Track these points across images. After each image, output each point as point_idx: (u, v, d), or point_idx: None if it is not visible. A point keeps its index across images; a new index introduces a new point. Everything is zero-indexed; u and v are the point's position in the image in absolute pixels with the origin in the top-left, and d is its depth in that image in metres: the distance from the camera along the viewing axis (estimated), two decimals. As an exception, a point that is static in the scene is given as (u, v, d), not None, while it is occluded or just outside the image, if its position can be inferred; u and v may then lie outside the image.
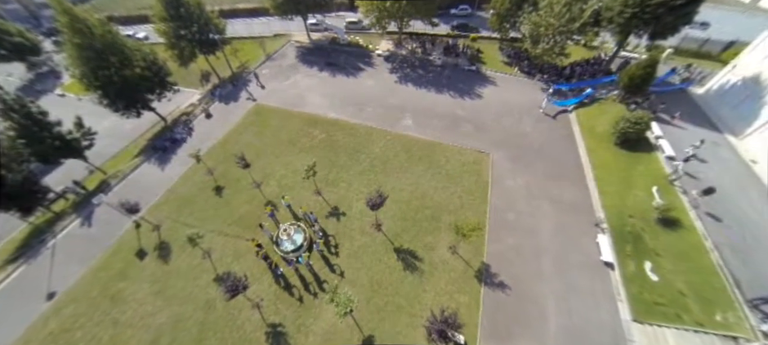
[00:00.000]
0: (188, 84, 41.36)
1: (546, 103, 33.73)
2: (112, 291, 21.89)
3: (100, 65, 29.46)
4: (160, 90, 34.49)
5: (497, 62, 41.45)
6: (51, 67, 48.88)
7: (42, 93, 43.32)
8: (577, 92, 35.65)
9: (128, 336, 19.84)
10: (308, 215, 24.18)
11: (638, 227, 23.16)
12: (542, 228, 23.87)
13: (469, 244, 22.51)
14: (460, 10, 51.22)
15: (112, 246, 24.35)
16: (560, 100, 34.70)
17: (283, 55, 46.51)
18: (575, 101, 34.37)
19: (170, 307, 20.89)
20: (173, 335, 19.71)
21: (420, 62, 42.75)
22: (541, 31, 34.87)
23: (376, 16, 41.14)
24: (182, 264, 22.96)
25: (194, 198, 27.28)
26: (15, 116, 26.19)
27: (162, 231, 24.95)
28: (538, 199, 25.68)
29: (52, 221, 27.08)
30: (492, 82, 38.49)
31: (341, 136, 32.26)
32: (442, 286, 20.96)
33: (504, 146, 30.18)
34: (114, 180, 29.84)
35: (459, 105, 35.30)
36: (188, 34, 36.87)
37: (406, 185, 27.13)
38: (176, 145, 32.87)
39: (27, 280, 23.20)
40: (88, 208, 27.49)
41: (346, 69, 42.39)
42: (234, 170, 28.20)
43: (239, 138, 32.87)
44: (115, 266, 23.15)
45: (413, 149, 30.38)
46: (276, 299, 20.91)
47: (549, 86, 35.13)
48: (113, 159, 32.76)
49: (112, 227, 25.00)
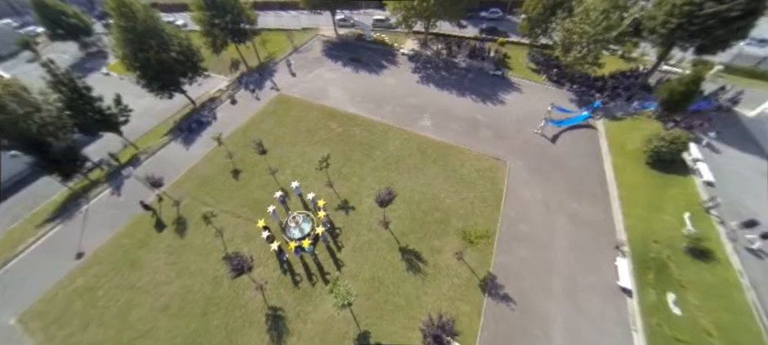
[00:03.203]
0: (218, 71, 43.33)
1: (544, 124, 31.17)
2: (132, 257, 23.43)
3: (140, 48, 31.57)
4: (192, 74, 36.44)
5: (525, 68, 39.96)
6: (100, 48, 52.95)
7: (90, 71, 46.97)
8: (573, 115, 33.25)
9: (142, 300, 21.15)
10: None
11: (664, 255, 21.46)
12: (556, 244, 22.74)
13: (476, 252, 21.88)
14: (490, 13, 49.88)
15: (135, 216, 26.03)
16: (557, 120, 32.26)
17: (310, 48, 47.50)
18: (570, 122, 31.97)
19: (181, 279, 22.02)
20: (181, 305, 20.76)
21: (444, 64, 42.10)
22: (574, 38, 33.20)
23: (403, 15, 41.03)
24: (196, 239, 24.12)
25: (213, 178, 28.56)
26: (64, 89, 28.67)
27: (181, 207, 26.37)
28: (555, 214, 24.49)
29: (87, 187, 29.38)
30: (517, 89, 37.16)
31: (358, 131, 32.46)
32: (444, 291, 20.53)
33: (523, 156, 29.04)
34: (144, 155, 31.92)
35: (480, 110, 34.39)
36: (222, 23, 38.56)
37: (418, 185, 26.83)
38: (201, 127, 34.60)
39: (61, 239, 25.34)
40: (119, 179, 29.60)
41: (370, 65, 42.59)
42: (252, 155, 29.17)
43: (260, 125, 33.98)
44: (137, 235, 24.75)
45: (428, 150, 29.99)
46: (279, 284, 21.42)
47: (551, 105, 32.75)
48: (144, 136, 35.00)
49: (137, 198, 26.68)
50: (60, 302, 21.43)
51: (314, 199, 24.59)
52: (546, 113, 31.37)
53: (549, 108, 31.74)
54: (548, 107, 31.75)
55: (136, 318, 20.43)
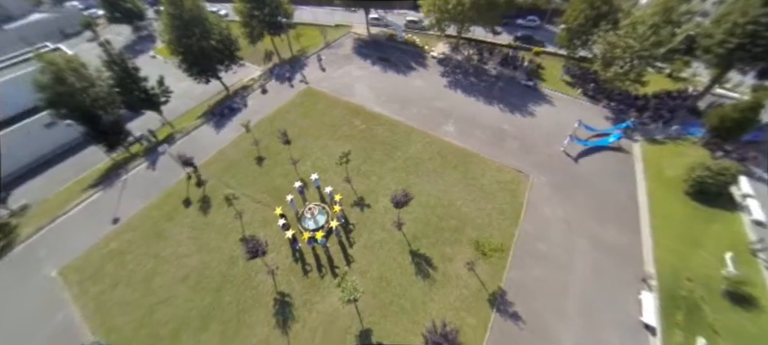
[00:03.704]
0: (252, 61, 45.27)
1: (569, 142, 29.28)
2: (159, 228, 25.13)
3: (184, 34, 33.72)
4: (229, 62, 38.39)
5: (559, 81, 38.19)
6: (150, 32, 57.12)
7: (139, 53, 50.77)
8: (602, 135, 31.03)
9: (165, 269, 22.66)
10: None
11: (697, 295, 19.69)
12: (575, 267, 21.59)
13: (488, 265, 21.28)
14: (527, 20, 48.11)
15: (166, 190, 27.88)
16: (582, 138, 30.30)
17: (341, 45, 48.33)
18: (598, 143, 29.88)
19: (201, 254, 23.32)
20: (199, 279, 21.99)
21: (474, 69, 41.23)
22: (616, 53, 31.27)
23: (436, 18, 40.60)
24: (217, 219, 25.41)
25: (238, 163, 29.92)
26: (116, 68, 31.29)
27: (206, 187, 27.88)
28: (577, 235, 23.24)
29: (128, 159, 31.88)
30: (548, 102, 35.62)
31: (381, 130, 32.61)
32: (451, 301, 20.16)
33: (548, 171, 27.81)
34: (179, 134, 34.11)
35: (507, 120, 33.34)
36: (260, 15, 40.29)
37: (435, 190, 26.52)
38: (232, 113, 36.38)
39: (101, 204, 27.72)
40: (155, 155, 31.83)
41: (398, 66, 42.63)
42: (276, 144, 30.21)
43: (286, 116, 35.10)
44: (165, 209, 26.50)
45: (449, 156, 29.55)
46: (290, 271, 22.06)
47: (579, 122, 30.76)
48: (181, 117, 37.35)
49: (170, 174, 28.60)
50: (95, 261, 23.47)
51: (331, 193, 25.03)
52: (573, 129, 29.85)
53: (576, 125, 30.12)
54: (575, 124, 30.16)
55: (158, 285, 21.93)
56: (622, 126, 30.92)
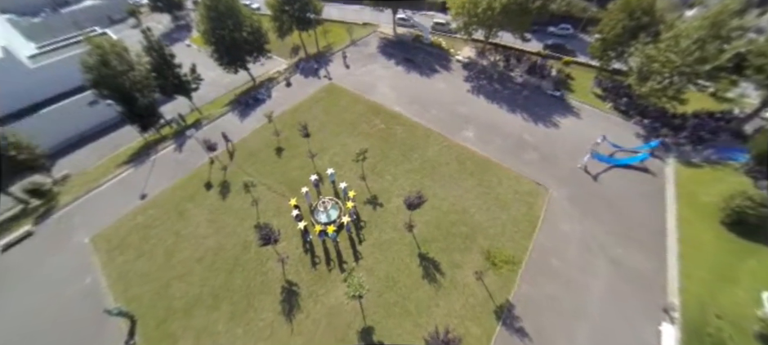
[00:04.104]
0: (280, 54, 46.58)
1: (588, 158, 27.83)
2: (181, 208, 26.47)
3: (218, 25, 35.24)
4: (257, 54, 39.74)
5: (588, 93, 36.50)
6: (187, 22, 60.16)
7: (176, 41, 53.60)
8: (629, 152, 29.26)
9: (183, 247, 23.87)
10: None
11: (725, 334, 18.18)
12: (591, 288, 20.62)
13: (498, 276, 20.76)
14: (559, 29, 46.33)
15: (190, 173, 29.33)
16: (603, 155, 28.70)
17: (366, 43, 48.69)
18: (621, 162, 28.26)
19: (217, 236, 24.33)
20: (213, 260, 22.97)
21: (499, 76, 40.26)
22: (655, 67, 29.49)
23: (464, 21, 40.01)
24: (235, 204, 26.41)
25: (259, 152, 30.94)
26: (154, 54, 33.17)
27: (227, 172, 29.03)
28: (595, 255, 22.17)
29: (158, 141, 33.79)
30: (575, 114, 34.15)
31: (400, 130, 32.60)
32: (456, 308, 19.85)
33: (568, 185, 26.69)
34: (206, 120, 35.76)
35: (529, 130, 32.31)
36: (291, 10, 41.38)
37: (449, 195, 26.19)
38: (256, 103, 37.66)
39: (131, 181, 29.60)
40: (183, 138, 33.55)
41: (422, 67, 42.40)
42: (296, 137, 30.93)
43: (308, 110, 35.84)
44: (188, 190, 27.87)
45: (467, 162, 29.07)
46: (299, 261, 22.55)
47: (603, 137, 29.02)
48: (209, 104, 39.08)
49: (194, 158, 30.05)
50: (122, 233, 25.09)
51: (345, 189, 25.30)
52: (594, 145, 28.40)
53: (599, 140, 28.62)
54: (598, 139, 28.67)
55: (176, 260, 23.13)
56: (650, 145, 29.14)
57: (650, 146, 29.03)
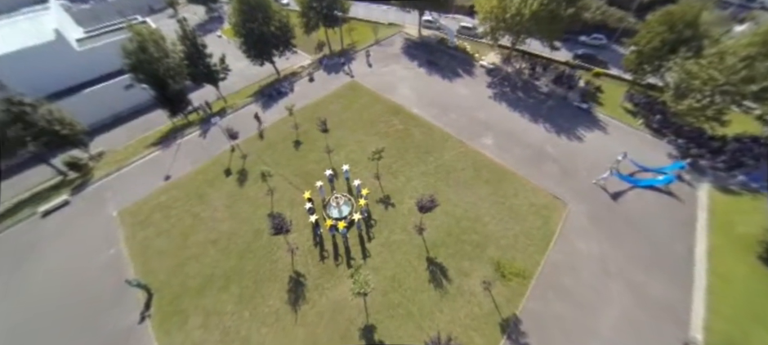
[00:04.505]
0: (304, 49, 47.54)
1: (607, 175, 26.45)
2: (201, 192, 27.64)
3: (249, 18, 36.44)
4: (283, 49, 40.75)
5: (618, 107, 34.74)
6: (220, 14, 62.59)
7: (208, 32, 55.91)
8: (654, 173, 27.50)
9: (199, 229, 24.91)
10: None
11: (754, 376, 16.86)
12: (605, 312, 19.63)
13: (506, 288, 20.22)
14: (592, 38, 44.38)
15: (212, 158, 30.56)
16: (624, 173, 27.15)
17: (391, 43, 48.77)
18: (644, 183, 26.64)
19: (231, 221, 25.21)
20: (226, 244, 23.82)
21: (523, 84, 39.16)
22: (695, 84, 27.65)
23: (491, 26, 39.20)
24: (251, 192, 27.25)
25: (277, 143, 31.75)
26: (188, 43, 34.79)
27: (246, 161, 30.01)
28: (612, 278, 21.08)
29: (184, 126, 35.41)
30: (601, 128, 32.60)
31: (417, 132, 32.44)
32: (460, 316, 19.50)
33: (589, 202, 25.54)
34: (230, 109, 37.12)
35: (551, 141, 31.18)
36: (318, 7, 42.17)
37: (463, 201, 25.78)
38: (279, 96, 38.67)
39: (157, 162, 31.21)
40: (207, 125, 34.97)
41: (444, 71, 41.96)
42: (314, 131, 31.47)
43: (328, 106, 36.38)
44: (208, 175, 29.07)
45: (483, 169, 28.50)
46: (308, 253, 22.95)
47: (624, 155, 27.40)
48: (234, 94, 40.51)
49: (217, 144, 31.27)
50: (146, 210, 26.52)
51: (358, 186, 25.46)
52: (615, 162, 27.00)
53: (620, 157, 27.17)
54: (619, 156, 27.23)
55: (192, 241, 24.16)
56: (676, 166, 27.35)
57: (677, 168, 27.26)
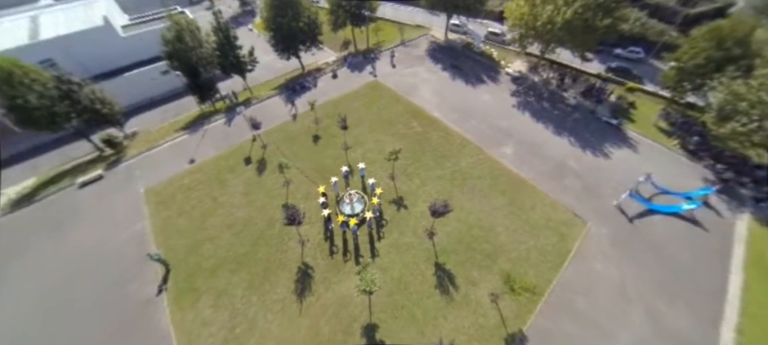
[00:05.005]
0: (330, 46, 48.33)
1: (626, 197, 24.97)
2: (221, 177, 28.80)
3: (279, 14, 37.52)
4: (310, 44, 41.62)
5: (651, 125, 32.75)
6: (253, 8, 64.76)
7: (240, 24, 57.85)
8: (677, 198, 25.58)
9: (218, 213, 25.97)
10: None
11: None
12: (618, 340, 18.58)
13: (514, 302, 19.63)
14: (628, 51, 42.06)
15: (234, 146, 31.76)
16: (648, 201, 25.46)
17: (416, 45, 48.63)
18: (665, 209, 24.83)
19: (248, 209, 26.07)
20: (241, 229, 24.66)
21: (550, 95, 37.83)
22: (741, 106, 25.60)
23: (521, 33, 38.17)
24: (268, 182, 28.08)
25: (297, 136, 32.52)
26: (220, 35, 36.25)
27: (266, 151, 30.95)
28: (631, 304, 19.93)
29: (211, 113, 36.99)
30: (631, 146, 30.87)
31: (436, 136, 32.17)
32: (464, 326, 19.13)
33: (611, 223, 24.27)
34: (255, 100, 38.41)
35: (574, 156, 29.91)
36: (347, 6, 42.75)
37: (476, 209, 25.29)
38: (302, 90, 39.57)
39: (183, 145, 32.81)
40: (233, 114, 36.38)
41: (468, 76, 41.32)
42: (334, 128, 31.93)
43: (349, 103, 36.79)
44: (230, 162, 30.23)
45: (500, 178, 27.83)
46: (317, 247, 23.32)
47: (647, 176, 25.81)
48: (260, 85, 41.84)
49: (240, 133, 32.45)
50: (169, 190, 27.96)
51: (373, 185, 25.55)
52: (636, 183, 25.47)
53: (642, 178, 25.61)
54: (641, 177, 25.64)
55: (209, 224, 25.21)
56: (702, 192, 25.45)
57: (704, 193, 25.38)
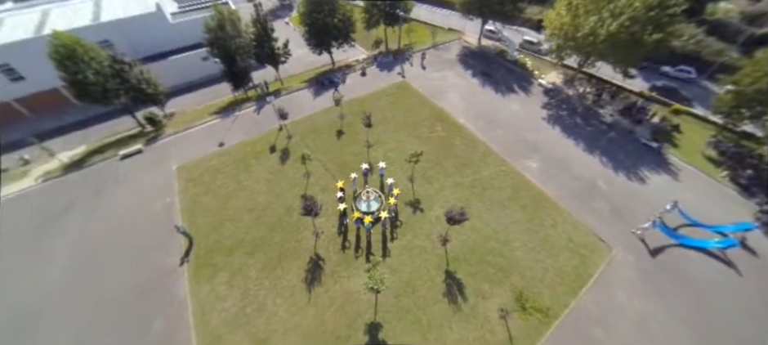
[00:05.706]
0: (362, 44, 48.90)
1: (649, 226, 22.79)
2: (247, 162, 30.11)
3: (315, 9, 38.49)
4: (342, 41, 42.32)
5: (697, 153, 30.14)
6: (291, 2, 66.91)
7: (278, 17, 59.99)
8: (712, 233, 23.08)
9: (240, 196, 27.19)
10: None
11: None
12: (638, 377, 17.39)
13: (524, 322, 18.90)
14: (677, 70, 38.86)
15: (261, 134, 33.08)
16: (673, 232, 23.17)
17: (448, 49, 48.04)
18: (694, 244, 22.47)
19: (268, 195, 27.06)
20: (260, 214, 25.66)
21: (584, 110, 35.92)
22: (805, 142, 23.05)
23: (559, 44, 36.50)
24: (290, 171, 28.98)
25: (321, 130, 33.26)
26: (259, 26, 37.80)
27: (290, 141, 31.94)
28: (652, 340, 18.52)
29: (243, 100, 38.74)
30: (672, 173, 28.59)
31: (459, 142, 31.66)
32: (469, 339, 18.69)
33: (639, 253, 22.64)
34: (284, 91, 39.72)
35: (605, 177, 28.21)
36: (381, 5, 43.06)
37: (493, 221, 24.62)
38: (331, 85, 40.41)
39: (215, 129, 34.61)
40: (263, 103, 37.84)
41: (499, 84, 40.22)
42: (358, 124, 32.30)
43: (375, 102, 37.06)
44: (256, 148, 31.52)
45: (521, 192, 26.89)
46: (330, 240, 23.75)
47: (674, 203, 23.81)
48: (290, 77, 43.19)
49: (268, 121, 33.74)
50: (199, 170, 29.64)
51: (391, 185, 25.57)
52: (662, 211, 23.45)
53: (668, 206, 23.55)
54: (668, 205, 23.61)
55: (231, 206, 26.44)
56: (739, 228, 22.89)
57: (741, 229, 22.89)
